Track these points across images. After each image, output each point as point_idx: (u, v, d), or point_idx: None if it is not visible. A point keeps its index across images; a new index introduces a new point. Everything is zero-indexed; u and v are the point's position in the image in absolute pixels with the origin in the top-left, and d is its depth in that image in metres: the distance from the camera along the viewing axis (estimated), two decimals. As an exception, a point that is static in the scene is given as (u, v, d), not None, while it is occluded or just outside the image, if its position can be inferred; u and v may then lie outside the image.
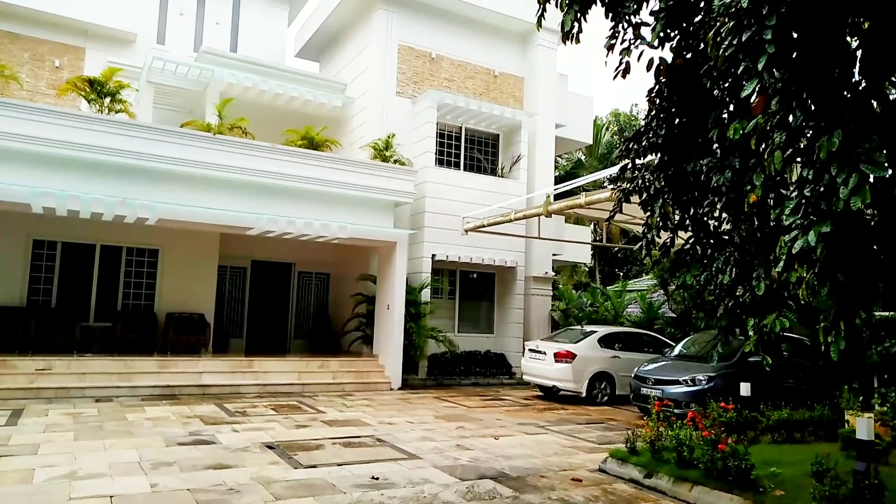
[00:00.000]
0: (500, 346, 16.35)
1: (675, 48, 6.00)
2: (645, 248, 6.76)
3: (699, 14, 5.80)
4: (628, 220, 12.75)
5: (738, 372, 9.75)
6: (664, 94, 6.21)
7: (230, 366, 12.34)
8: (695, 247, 6.47)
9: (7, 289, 12.29)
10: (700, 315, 13.93)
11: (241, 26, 19.16)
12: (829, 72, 4.33)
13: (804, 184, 4.36)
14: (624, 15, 6.04)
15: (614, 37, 6.10)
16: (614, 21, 6.10)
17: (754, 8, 4.16)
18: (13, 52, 15.72)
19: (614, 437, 8.92)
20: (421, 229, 15.21)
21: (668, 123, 6.20)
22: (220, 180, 12.22)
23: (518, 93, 18.18)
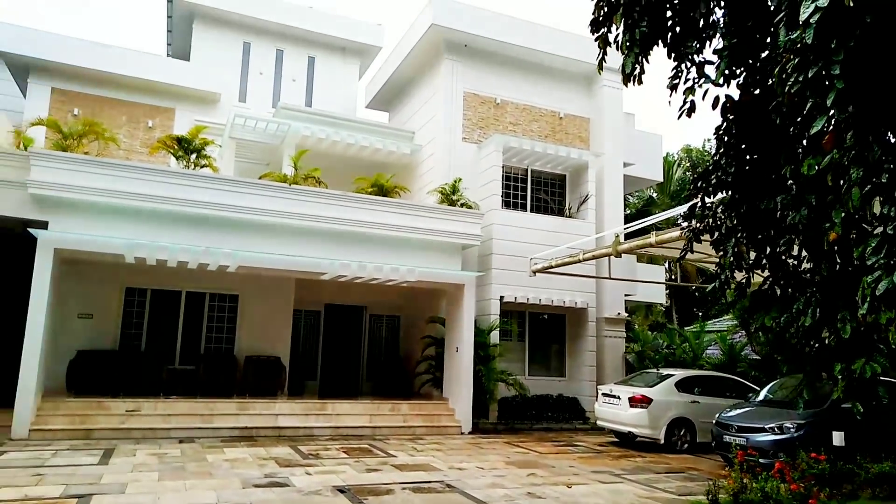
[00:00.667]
0: (572, 390, 15.97)
1: (742, 85, 5.92)
2: (719, 289, 6.55)
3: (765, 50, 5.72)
4: (703, 259, 12.39)
5: (830, 419, 9.12)
6: (732, 131, 6.11)
7: (304, 408, 12.63)
8: (773, 287, 6.22)
9: (103, 334, 13.14)
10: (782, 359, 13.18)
11: (316, 82, 20.23)
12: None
13: (886, 221, 4.16)
14: (687, 55, 6.02)
15: (677, 76, 6.08)
16: (677, 61, 6.09)
17: (820, 43, 4.06)
18: (113, 115, 17.18)
19: (695, 488, 8.48)
20: (488, 271, 15.26)
21: (737, 161, 6.07)
22: (296, 228, 12.76)
23: (584, 133, 18.18)
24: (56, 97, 16.86)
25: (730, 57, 5.71)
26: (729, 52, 5.71)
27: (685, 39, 6.04)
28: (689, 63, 6.02)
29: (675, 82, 6.09)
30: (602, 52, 6.70)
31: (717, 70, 5.76)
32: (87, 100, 17.07)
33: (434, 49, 17.15)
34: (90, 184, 11.20)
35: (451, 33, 16.56)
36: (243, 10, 19.01)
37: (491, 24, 16.82)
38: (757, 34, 5.62)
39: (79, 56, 16.65)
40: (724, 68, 5.74)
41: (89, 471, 8.05)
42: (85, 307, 12.97)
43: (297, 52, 20.13)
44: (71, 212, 11.22)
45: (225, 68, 18.78)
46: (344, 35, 20.28)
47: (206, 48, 18.86)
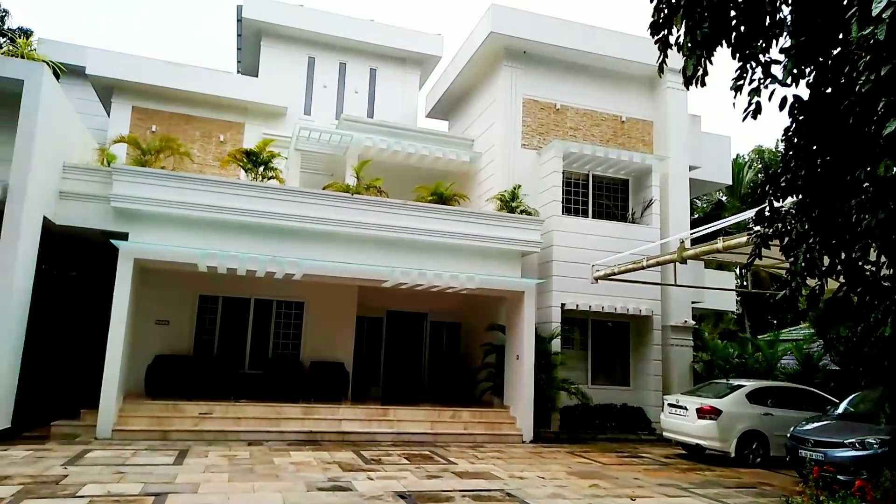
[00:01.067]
0: (637, 400, 15.59)
1: (812, 84, 5.69)
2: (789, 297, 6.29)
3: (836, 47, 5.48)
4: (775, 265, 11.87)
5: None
6: (802, 132, 5.87)
7: (367, 413, 12.86)
8: (848, 295, 5.92)
9: (179, 339, 13.81)
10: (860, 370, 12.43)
11: (377, 92, 20.66)
12: None
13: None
14: (752, 54, 5.84)
15: (742, 77, 5.90)
16: (741, 61, 5.91)
17: (893, 40, 3.86)
18: (187, 131, 18.08)
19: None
20: (549, 278, 15.13)
21: (808, 163, 5.82)
22: (358, 236, 13.06)
23: (647, 137, 17.79)
24: (136, 115, 17.89)
25: (797, 56, 5.50)
26: (797, 50, 5.51)
27: (750, 39, 5.86)
28: (755, 63, 5.83)
29: (739, 83, 5.91)
30: (662, 54, 6.58)
31: (785, 69, 5.57)
32: (164, 117, 18.03)
33: (493, 57, 17.20)
34: (166, 196, 11.83)
35: (510, 40, 16.58)
36: (308, 25, 19.66)
37: (550, 29, 16.73)
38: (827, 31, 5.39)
39: (157, 76, 17.63)
40: (792, 67, 5.54)
41: (165, 470, 8.47)
42: (162, 314, 13.67)
43: (359, 65, 20.62)
44: (149, 223, 11.89)
45: (291, 82, 19.44)
46: (405, 46, 20.64)
47: (274, 64, 19.60)
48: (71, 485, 7.33)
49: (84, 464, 8.59)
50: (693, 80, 6.39)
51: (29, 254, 10.47)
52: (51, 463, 8.48)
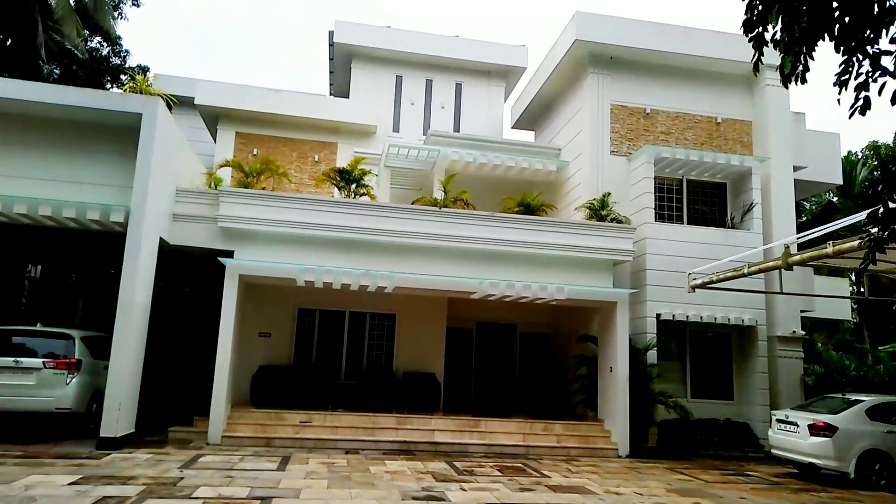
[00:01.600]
0: (741, 415, 14.76)
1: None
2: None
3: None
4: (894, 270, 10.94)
5: None
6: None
7: (458, 425, 12.96)
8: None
9: (280, 351, 14.54)
10: None
11: (463, 106, 20.92)
12: None
13: None
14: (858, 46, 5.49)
15: (846, 71, 5.57)
16: (846, 55, 5.58)
17: None
18: (284, 152, 19.06)
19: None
20: (643, 288, 14.68)
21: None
22: (446, 249, 13.26)
23: (745, 138, 16.94)
24: (239, 140, 19.06)
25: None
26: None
27: (856, 30, 5.52)
28: (861, 55, 5.48)
29: (844, 78, 5.57)
30: (757, 53, 6.32)
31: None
32: (264, 140, 19.11)
33: (578, 64, 17.02)
34: (267, 216, 12.55)
35: (596, 47, 16.35)
36: (396, 46, 20.25)
37: (637, 32, 16.36)
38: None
39: (258, 102, 18.73)
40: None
41: (269, 476, 8.93)
42: (264, 326, 14.44)
43: (445, 80, 20.98)
44: (252, 241, 12.64)
45: (380, 101, 20.06)
46: (489, 59, 20.79)
47: (363, 84, 20.30)
48: (186, 486, 7.88)
49: (197, 467, 9.21)
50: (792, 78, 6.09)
51: (147, 272, 11.40)
52: (169, 466, 9.15)
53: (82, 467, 8.70)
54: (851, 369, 15.79)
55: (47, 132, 11.63)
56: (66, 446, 10.17)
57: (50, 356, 10.68)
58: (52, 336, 11.07)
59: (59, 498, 6.99)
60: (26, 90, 11.26)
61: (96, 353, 11.38)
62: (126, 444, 10.56)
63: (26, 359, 10.52)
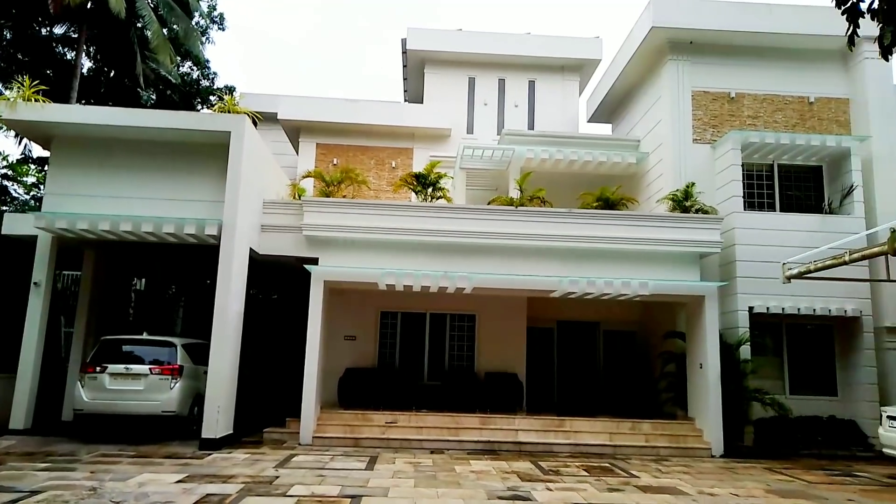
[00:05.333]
0: (846, 412, 13.80)
1: None
2: None
3: None
4: None
5: None
6: None
7: (542, 424, 12.86)
8: None
9: (364, 353, 14.95)
10: None
11: (537, 103, 20.75)
12: None
13: None
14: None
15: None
16: (954, 20, 5.16)
17: None
18: (363, 160, 19.59)
19: None
20: (733, 280, 14.02)
21: None
22: (524, 248, 13.20)
23: (842, 117, 15.83)
24: (320, 150, 19.77)
25: None
26: None
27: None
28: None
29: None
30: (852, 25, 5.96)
31: None
32: (343, 150, 19.72)
33: (656, 52, 16.48)
34: (348, 223, 12.97)
35: (674, 32, 15.77)
36: (468, 48, 20.35)
37: (717, 14, 15.65)
38: None
39: (336, 114, 19.36)
40: None
41: (359, 475, 9.21)
42: (349, 330, 14.90)
43: (517, 79, 20.88)
44: (335, 248, 13.09)
45: (453, 104, 20.23)
46: (562, 54, 20.50)
47: (437, 88, 20.55)
48: (281, 485, 8.26)
49: (291, 467, 9.63)
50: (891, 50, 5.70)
51: (239, 281, 12.04)
52: (265, 465, 9.62)
53: (187, 466, 9.30)
54: (975, 362, 14.39)
55: (146, 155, 12.52)
56: (172, 447, 10.92)
57: (155, 363, 11.51)
58: (156, 344, 11.92)
59: (168, 494, 7.52)
60: (131, 117, 12.19)
61: (196, 359, 12.14)
62: (225, 444, 11.20)
63: (135, 365, 11.38)
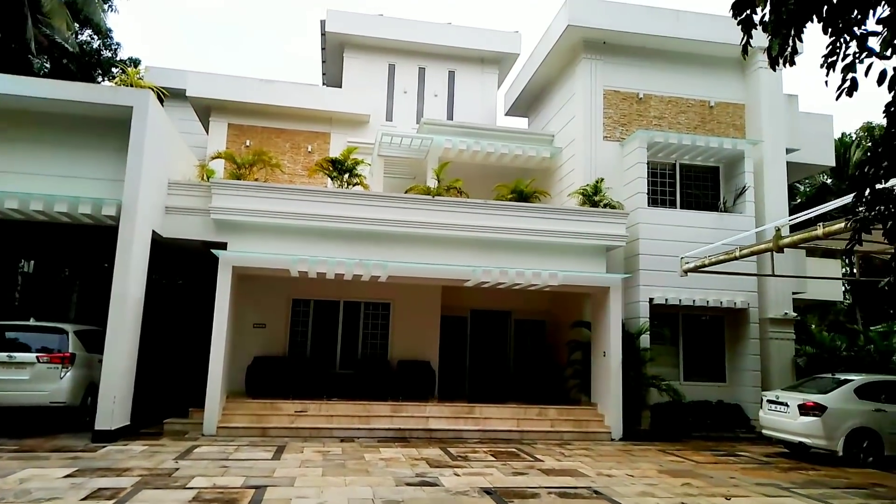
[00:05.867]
0: (733, 396, 14.88)
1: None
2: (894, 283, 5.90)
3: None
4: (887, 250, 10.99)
5: None
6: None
7: (453, 411, 13.05)
8: (963, 281, 5.46)
9: (274, 341, 14.59)
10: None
11: (456, 94, 20.86)
12: None
13: None
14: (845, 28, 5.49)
15: (834, 53, 5.57)
16: (833, 36, 5.58)
17: None
18: (278, 143, 19.02)
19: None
20: (636, 272, 14.74)
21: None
22: (440, 237, 13.28)
23: (738, 121, 16.93)
24: (232, 131, 19.01)
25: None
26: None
27: (843, 11, 5.52)
28: (849, 37, 5.48)
29: (832, 59, 5.57)
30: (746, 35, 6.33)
31: (883, 41, 5.22)
32: (257, 131, 19.06)
33: (571, 50, 16.96)
34: (260, 207, 12.54)
35: (589, 32, 16.27)
36: (388, 34, 20.13)
37: (630, 16, 16.27)
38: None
39: (250, 94, 18.66)
40: (891, 38, 5.17)
41: (265, 465, 9.00)
42: (258, 317, 14.48)
43: (437, 68, 20.89)
44: (245, 233, 12.64)
45: (373, 90, 19.99)
46: (482, 46, 20.69)
47: (356, 73, 20.23)
48: (181, 477, 7.95)
49: (193, 458, 9.28)
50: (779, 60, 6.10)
51: (140, 265, 11.40)
52: (164, 457, 9.21)
53: (77, 460, 8.75)
54: (843, 350, 15.90)
55: (38, 127, 11.55)
56: (62, 440, 10.24)
57: (43, 350, 10.75)
58: (45, 330, 11.12)
59: (53, 490, 7.04)
60: (16, 85, 11.16)
61: (91, 347, 11.42)
62: (121, 436, 10.62)
63: (20, 354, 10.57)
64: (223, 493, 7.21)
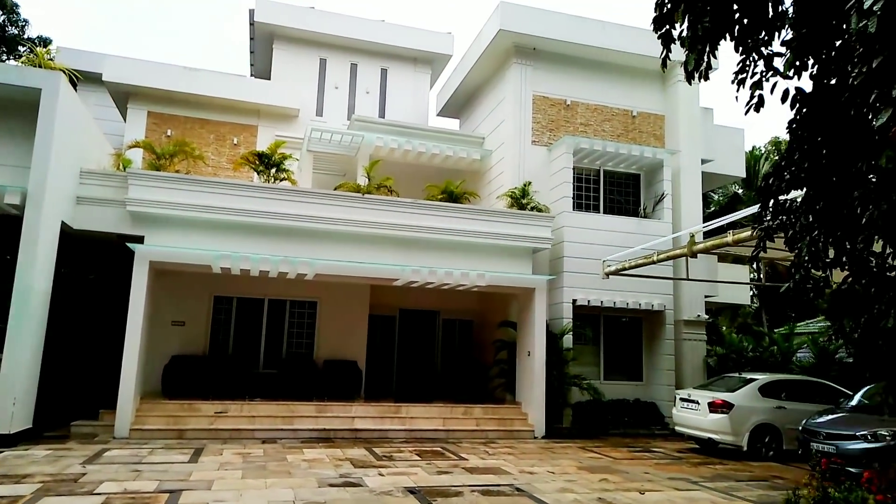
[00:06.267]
0: (650, 395, 15.56)
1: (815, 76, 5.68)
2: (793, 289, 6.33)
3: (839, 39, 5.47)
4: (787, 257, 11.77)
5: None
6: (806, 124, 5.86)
7: (379, 411, 12.99)
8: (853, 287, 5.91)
9: (194, 340, 14.05)
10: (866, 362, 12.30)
11: (389, 92, 20.77)
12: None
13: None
14: (754, 47, 5.83)
15: (744, 70, 5.90)
16: (744, 54, 5.91)
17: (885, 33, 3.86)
18: (202, 134, 18.33)
19: (778, 498, 8.08)
20: (560, 274, 15.14)
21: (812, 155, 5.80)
22: (369, 236, 13.17)
23: (659, 131, 17.70)
24: (152, 120, 18.17)
25: (799, 48, 5.50)
26: (798, 42, 5.50)
27: (752, 32, 5.85)
28: (757, 56, 5.83)
29: (742, 76, 5.90)
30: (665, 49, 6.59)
31: (787, 62, 5.56)
32: (179, 121, 18.30)
33: (503, 54, 17.22)
34: (181, 200, 12.04)
35: (520, 37, 16.57)
36: (319, 27, 19.80)
37: (559, 25, 16.69)
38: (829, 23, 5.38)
39: (172, 81, 17.87)
40: (794, 59, 5.54)
41: (180, 468, 8.66)
42: (177, 315, 13.91)
43: (370, 65, 20.73)
44: (164, 226, 12.10)
45: (303, 84, 19.62)
46: (415, 46, 20.70)
47: (286, 66, 19.79)
48: (89, 482, 7.53)
49: (102, 462, 8.81)
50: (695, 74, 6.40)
51: (48, 258, 10.71)
52: (70, 462, 8.70)
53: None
54: (749, 350, 16.92)
55: (-70, 105, 10.67)
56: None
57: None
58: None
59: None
60: None
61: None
62: (22, 440, 9.93)
63: None
64: (134, 499, 6.89)
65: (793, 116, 5.91)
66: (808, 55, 5.57)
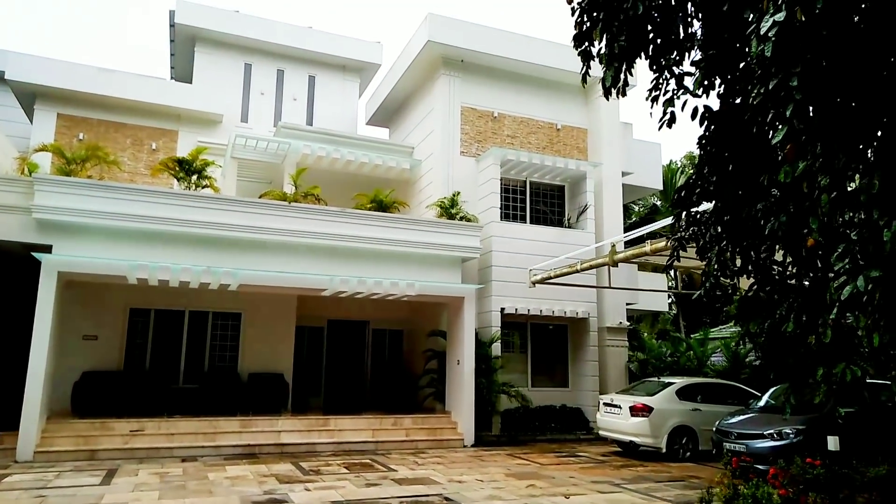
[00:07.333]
0: (575, 401, 15.97)
1: (722, 95, 6.02)
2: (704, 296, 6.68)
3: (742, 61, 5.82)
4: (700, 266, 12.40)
5: (829, 425, 9.09)
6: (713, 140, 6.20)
7: (307, 424, 12.71)
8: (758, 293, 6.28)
9: (108, 355, 13.29)
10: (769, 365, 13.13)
11: (316, 100, 20.51)
12: (869, 113, 4.23)
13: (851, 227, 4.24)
14: (666, 66, 6.12)
15: (657, 88, 6.18)
16: (657, 73, 6.19)
17: (779, 57, 4.15)
18: (117, 139, 17.50)
19: (693, 496, 8.45)
20: (489, 283, 15.34)
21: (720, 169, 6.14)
22: (296, 245, 12.91)
23: (582, 144, 18.29)
24: (62, 123, 17.19)
25: (707, 68, 5.82)
26: (706, 63, 5.83)
27: (665, 52, 6.15)
28: (669, 75, 6.12)
29: (655, 94, 6.19)
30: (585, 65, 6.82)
31: (696, 81, 5.87)
32: (93, 124, 17.41)
33: (431, 65, 17.36)
34: (93, 207, 11.40)
35: (448, 49, 16.76)
36: (244, 32, 19.35)
37: (487, 38, 17.00)
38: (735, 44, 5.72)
39: (84, 82, 16.99)
40: (703, 79, 5.85)
41: (91, 491, 8.17)
42: (89, 329, 13.14)
43: (297, 72, 20.43)
44: (75, 235, 11.43)
45: (227, 89, 19.10)
46: (343, 54, 20.56)
47: (208, 70, 19.20)
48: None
49: (1, 489, 8.19)
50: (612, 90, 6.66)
51: (-59, 269, 9.92)
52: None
53: None
54: (668, 355, 17.68)
55: None
56: None
57: None
58: None
59: None
60: None
61: None
62: (-90, 468, 9.12)
63: None
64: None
65: (702, 133, 6.26)
66: (715, 75, 5.91)
